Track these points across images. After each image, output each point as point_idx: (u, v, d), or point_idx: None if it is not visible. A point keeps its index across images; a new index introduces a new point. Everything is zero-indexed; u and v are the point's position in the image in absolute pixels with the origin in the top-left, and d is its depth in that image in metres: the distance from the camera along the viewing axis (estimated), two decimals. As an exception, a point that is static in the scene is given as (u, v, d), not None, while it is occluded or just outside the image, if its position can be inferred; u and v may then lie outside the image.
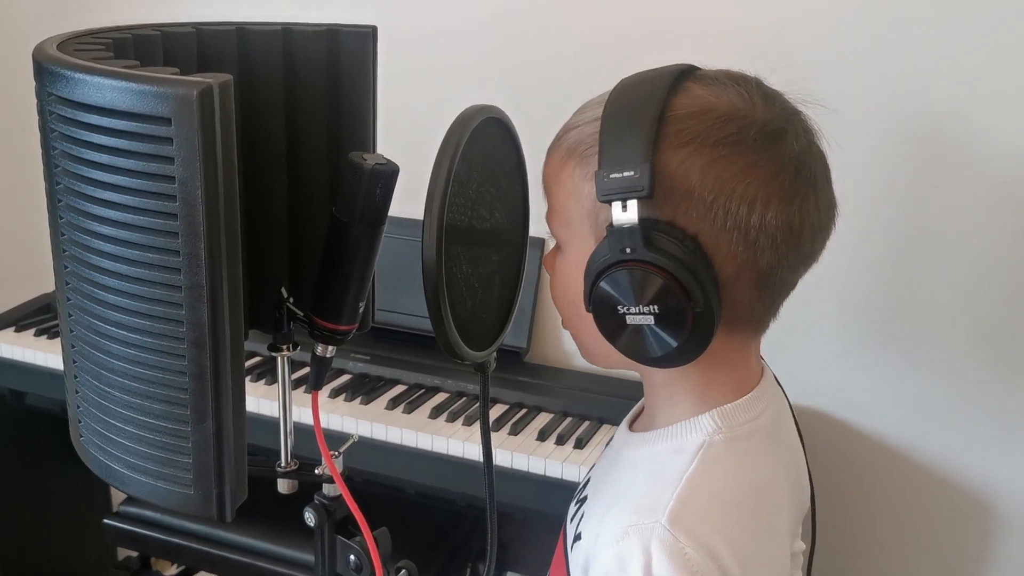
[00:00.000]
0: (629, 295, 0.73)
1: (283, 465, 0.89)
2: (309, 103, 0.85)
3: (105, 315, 0.67)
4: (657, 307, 0.72)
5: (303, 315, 0.85)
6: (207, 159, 0.60)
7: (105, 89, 0.60)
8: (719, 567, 0.73)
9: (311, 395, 0.88)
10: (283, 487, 0.90)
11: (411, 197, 0.95)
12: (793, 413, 0.94)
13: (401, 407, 1.69)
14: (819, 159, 0.79)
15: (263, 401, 1.68)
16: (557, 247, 0.84)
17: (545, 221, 0.85)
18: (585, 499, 0.89)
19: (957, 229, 1.59)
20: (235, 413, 0.67)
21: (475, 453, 1.58)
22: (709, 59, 0.84)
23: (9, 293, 2.09)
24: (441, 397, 1.74)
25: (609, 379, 1.76)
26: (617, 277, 0.73)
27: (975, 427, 1.65)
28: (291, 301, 0.85)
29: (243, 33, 0.81)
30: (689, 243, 0.73)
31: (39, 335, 1.95)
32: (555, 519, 0.96)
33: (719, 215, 0.73)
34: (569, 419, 1.68)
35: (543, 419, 1.68)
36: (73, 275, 0.69)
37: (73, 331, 0.71)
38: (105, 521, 1.91)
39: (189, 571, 2.04)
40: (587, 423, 1.67)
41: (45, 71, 0.64)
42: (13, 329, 1.97)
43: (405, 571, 0.91)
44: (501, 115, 0.83)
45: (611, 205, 0.73)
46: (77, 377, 0.73)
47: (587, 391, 1.75)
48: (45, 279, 2.04)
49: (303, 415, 0.90)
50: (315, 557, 0.91)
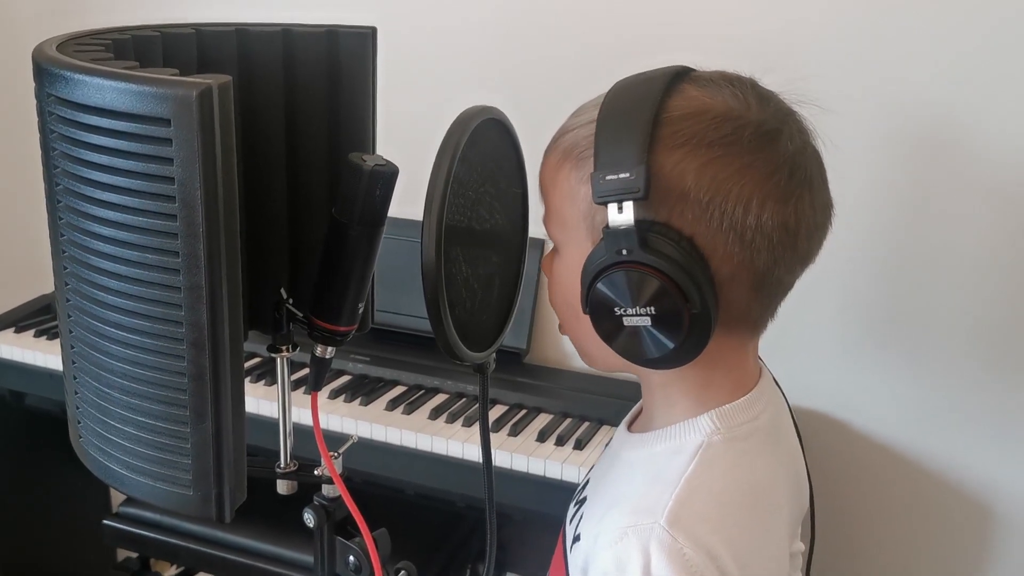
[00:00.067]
0: (626, 297, 0.73)
1: (282, 466, 0.89)
2: (309, 104, 0.85)
3: (104, 316, 0.67)
4: (654, 308, 0.73)
5: (302, 316, 0.85)
6: (206, 160, 0.60)
7: (104, 90, 0.60)
8: (718, 567, 0.73)
9: (310, 396, 0.88)
10: (282, 488, 0.90)
11: (411, 198, 0.96)
12: (792, 413, 0.94)
13: (401, 408, 1.69)
14: (814, 159, 0.79)
15: (262, 402, 1.68)
16: (555, 250, 0.84)
17: (542, 223, 0.85)
18: (584, 500, 0.89)
19: (957, 229, 1.59)
20: (234, 414, 0.67)
21: (475, 454, 1.58)
22: (709, 60, 0.84)
23: (9, 294, 2.09)
24: (441, 398, 1.74)
25: (609, 380, 1.76)
26: (614, 279, 0.73)
27: (975, 428, 1.65)
28: (290, 302, 0.85)
29: (243, 34, 0.81)
30: (685, 244, 0.73)
31: (39, 336, 1.95)
32: (555, 520, 0.96)
33: (715, 216, 0.73)
34: (569, 420, 1.68)
35: (543, 420, 1.68)
36: (72, 276, 0.69)
37: (72, 332, 0.71)
38: (104, 522, 1.91)
39: (188, 572, 2.03)
40: (587, 424, 1.67)
41: (45, 72, 0.64)
42: (13, 330, 1.97)
43: (404, 572, 0.91)
44: (500, 116, 0.83)
45: (607, 207, 0.73)
46: (76, 378, 0.73)
47: (587, 392, 1.75)
48: (45, 280, 2.04)
49: (302, 416, 0.90)
50: (314, 558, 0.91)
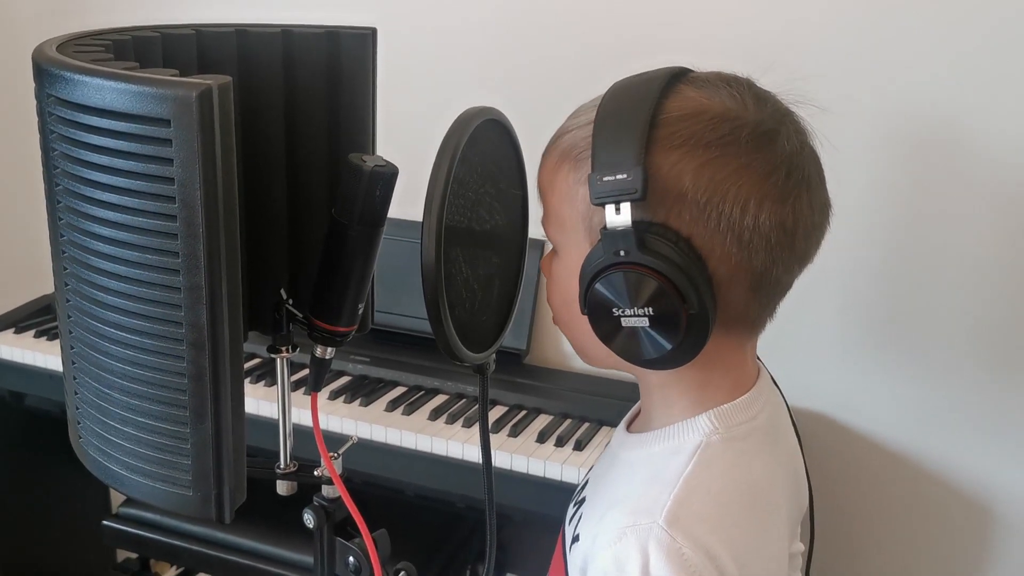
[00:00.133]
0: (624, 297, 0.73)
1: (282, 467, 0.89)
2: (309, 105, 0.85)
3: (104, 316, 0.67)
4: (652, 309, 0.73)
5: (302, 316, 0.85)
6: (206, 161, 0.60)
7: (104, 91, 0.60)
8: (716, 567, 0.73)
9: (310, 397, 0.88)
10: (282, 489, 0.90)
11: (410, 199, 0.96)
12: (791, 414, 0.94)
13: (400, 409, 1.69)
14: (812, 159, 0.79)
15: (262, 403, 1.68)
16: (554, 251, 0.85)
17: (541, 225, 0.85)
18: (583, 500, 0.89)
19: (957, 229, 1.59)
20: (234, 414, 0.67)
21: (474, 455, 1.58)
22: (709, 60, 0.84)
23: (9, 294, 2.09)
24: (441, 399, 1.74)
25: (609, 381, 1.76)
26: (611, 280, 0.73)
27: (974, 428, 1.65)
28: (290, 302, 0.85)
29: (243, 35, 0.81)
30: (683, 245, 0.73)
31: (39, 336, 1.95)
32: (554, 521, 0.96)
33: (712, 217, 0.73)
34: (569, 421, 1.68)
35: (542, 421, 1.68)
36: (72, 276, 0.69)
37: (72, 332, 0.71)
38: (104, 523, 1.91)
39: (188, 573, 2.04)
40: (586, 425, 1.67)
41: (45, 73, 0.64)
42: (13, 331, 1.97)
43: (404, 572, 0.91)
44: (500, 117, 0.83)
45: (605, 208, 0.73)
46: (76, 378, 0.73)
47: (587, 393, 1.75)
48: (45, 280, 2.04)
49: (302, 417, 0.90)
50: (314, 559, 0.91)
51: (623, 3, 1.72)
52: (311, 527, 0.89)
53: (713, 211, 0.73)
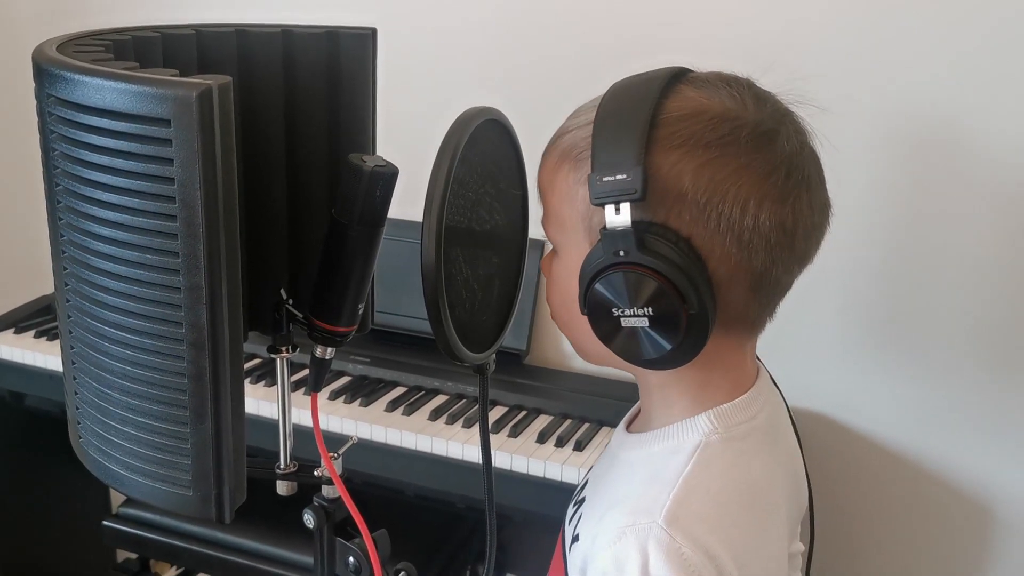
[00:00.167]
0: (623, 298, 0.73)
1: (282, 467, 0.89)
2: (309, 105, 0.85)
3: (104, 316, 0.67)
4: (651, 309, 0.73)
5: (302, 317, 0.85)
6: (206, 161, 0.60)
7: (104, 91, 0.60)
8: (716, 567, 0.73)
9: (310, 397, 0.88)
10: (282, 489, 0.90)
11: (410, 199, 0.96)
12: (790, 414, 0.94)
13: (400, 409, 1.69)
14: (812, 159, 0.79)
15: (262, 403, 1.68)
16: (553, 251, 0.85)
17: (541, 225, 0.85)
18: (583, 500, 0.89)
19: (957, 229, 1.59)
20: (234, 414, 0.67)
21: (474, 455, 1.58)
22: (709, 60, 0.84)
23: (9, 295, 2.09)
24: (441, 399, 1.74)
25: (609, 381, 1.76)
26: (611, 280, 0.73)
27: (974, 428, 1.65)
28: (290, 303, 0.85)
29: (243, 35, 0.81)
30: (683, 245, 0.73)
31: (39, 337, 1.95)
32: (554, 521, 0.96)
33: (712, 217, 0.73)
34: (569, 421, 1.68)
35: (543, 421, 1.68)
36: (72, 276, 0.69)
37: (72, 332, 0.71)
38: (104, 523, 1.90)
39: (188, 573, 2.04)
40: (586, 425, 1.67)
41: (45, 73, 0.64)
42: (13, 331, 1.97)
43: (404, 573, 0.91)
44: (500, 117, 0.83)
45: (604, 208, 0.73)
46: (76, 378, 0.73)
47: (587, 393, 1.75)
48: (45, 281, 2.04)
49: (302, 417, 0.90)
50: (314, 559, 0.91)
51: (623, 3, 1.72)
52: (311, 527, 0.89)
53: (713, 211, 0.73)
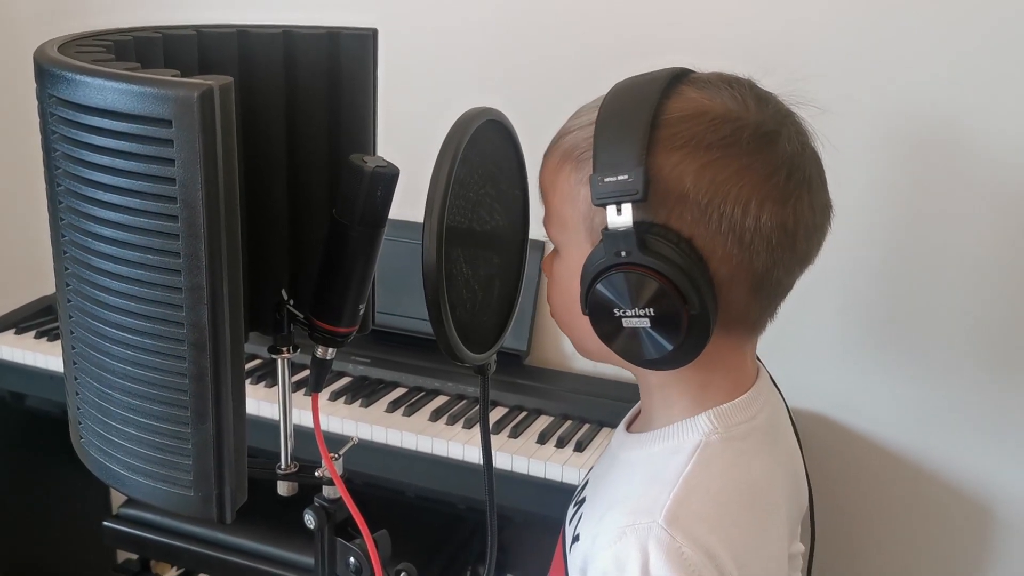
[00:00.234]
0: (625, 298, 0.73)
1: (283, 467, 0.89)
2: (309, 105, 0.85)
3: (105, 316, 0.67)
4: (653, 310, 0.73)
5: (303, 317, 0.85)
6: (208, 161, 0.60)
7: (106, 91, 0.60)
8: (716, 567, 0.73)
9: (311, 397, 0.88)
10: (283, 489, 0.90)
11: (411, 200, 0.96)
12: (790, 414, 0.94)
13: (401, 410, 1.69)
14: (813, 160, 0.79)
15: (263, 403, 1.68)
16: (555, 251, 0.85)
17: (542, 225, 0.85)
18: (583, 501, 0.89)
19: (957, 229, 1.59)
20: (235, 415, 0.68)
21: (475, 456, 1.58)
22: (709, 60, 0.84)
23: (9, 295, 2.09)
24: (441, 400, 1.74)
25: (609, 382, 1.76)
26: (613, 280, 0.73)
27: (974, 428, 1.65)
28: (291, 303, 0.85)
29: (244, 36, 0.81)
30: (684, 246, 0.73)
31: (39, 337, 1.95)
32: (555, 522, 0.96)
33: (713, 218, 0.73)
34: (569, 422, 1.68)
35: (543, 422, 1.68)
36: (74, 276, 0.69)
37: (73, 332, 0.71)
38: (104, 523, 1.90)
39: (189, 574, 2.04)
40: (587, 426, 1.67)
41: (46, 73, 0.64)
42: (14, 331, 1.97)
43: (405, 573, 0.91)
44: (501, 117, 0.83)
45: (606, 209, 0.73)
46: (77, 379, 0.73)
47: (587, 394, 1.75)
48: (45, 281, 2.04)
49: (303, 417, 0.90)
50: (315, 559, 0.91)
51: (623, 3, 1.72)
52: (312, 528, 0.89)
53: (714, 212, 0.73)
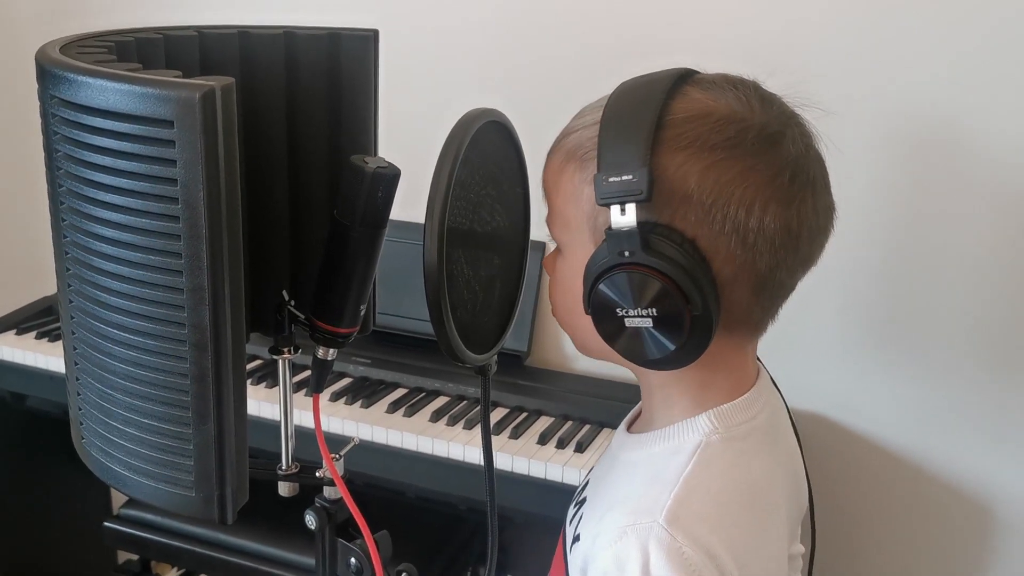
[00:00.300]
0: (628, 298, 0.73)
1: (284, 468, 0.89)
2: (310, 106, 0.85)
3: (107, 317, 0.67)
4: (656, 310, 0.73)
5: (304, 318, 0.85)
6: (209, 162, 0.60)
7: (108, 92, 0.60)
8: (717, 566, 0.73)
9: (312, 398, 0.88)
10: (284, 490, 0.90)
11: (412, 200, 0.96)
12: (790, 415, 0.94)
13: (402, 411, 1.69)
14: (817, 162, 0.79)
15: (264, 404, 1.68)
16: (557, 250, 0.85)
17: (545, 224, 0.85)
18: (584, 501, 0.89)
19: (957, 229, 1.59)
20: (237, 415, 0.68)
21: (475, 457, 1.58)
22: (709, 60, 0.84)
23: (10, 296, 2.09)
24: (442, 401, 1.74)
25: (610, 383, 1.76)
26: (616, 280, 0.73)
27: (974, 429, 1.65)
28: (292, 304, 0.85)
29: (245, 36, 0.81)
30: (687, 246, 0.73)
31: (40, 338, 1.95)
32: (555, 523, 0.96)
33: (717, 218, 0.73)
34: (570, 423, 1.68)
35: (543, 423, 1.68)
36: (75, 277, 0.69)
37: (75, 333, 0.71)
38: (105, 524, 1.90)
39: (189, 574, 2.04)
40: (587, 427, 1.67)
41: (48, 74, 0.64)
42: (14, 332, 1.97)
43: (406, 574, 0.91)
44: (502, 118, 0.83)
45: (610, 208, 0.73)
46: (79, 379, 0.73)
47: (588, 395, 1.75)
48: (46, 282, 2.05)
49: (304, 418, 0.90)
50: (316, 560, 0.91)
51: (623, 3, 1.72)
52: (313, 528, 0.90)
53: (718, 213, 0.73)
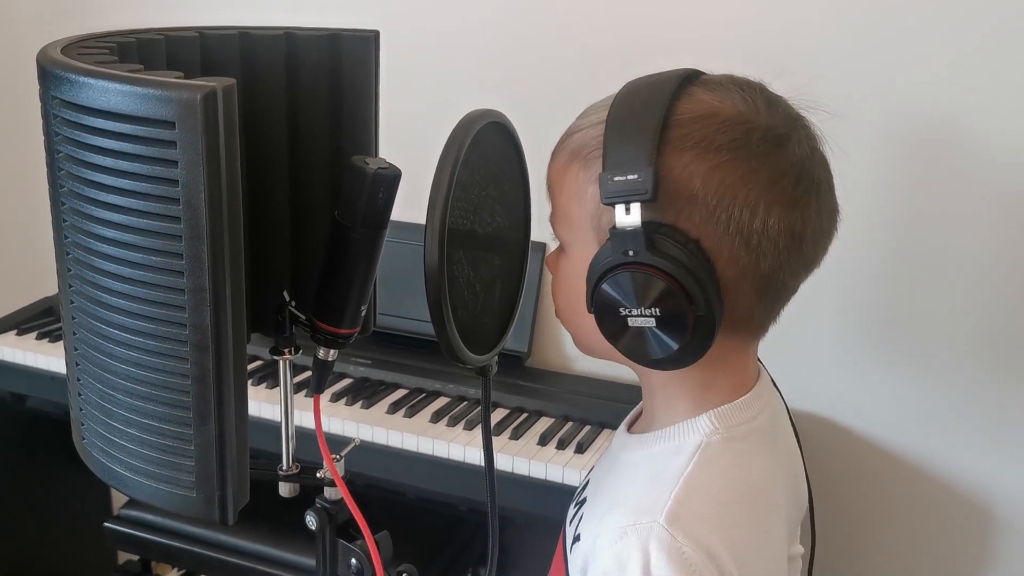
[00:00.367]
0: (631, 297, 0.73)
1: (285, 468, 0.89)
2: (311, 107, 0.85)
3: (108, 317, 0.67)
4: (659, 310, 0.73)
5: (305, 319, 0.85)
6: (210, 162, 0.60)
7: (109, 93, 0.60)
8: (717, 567, 0.74)
9: (313, 399, 0.88)
10: (284, 490, 0.90)
11: (413, 201, 0.96)
12: (790, 416, 0.94)
13: (402, 411, 1.69)
14: (821, 165, 0.79)
15: (264, 405, 1.68)
16: (560, 248, 0.85)
17: (549, 222, 0.85)
18: (584, 501, 0.89)
19: (957, 229, 1.59)
20: (237, 416, 0.68)
21: (476, 457, 1.58)
22: (710, 62, 0.84)
23: (10, 296, 2.09)
24: (442, 401, 1.74)
25: (610, 384, 1.76)
26: (619, 279, 0.74)
27: (975, 429, 1.65)
28: (293, 304, 0.85)
29: (246, 37, 0.81)
30: (691, 247, 0.73)
31: (41, 338, 1.95)
32: (556, 523, 0.96)
33: (721, 219, 0.73)
34: (570, 424, 1.68)
35: (544, 423, 1.68)
36: (76, 278, 0.69)
37: (76, 334, 0.71)
38: (105, 524, 1.91)
39: (190, 575, 2.04)
40: (588, 428, 1.67)
41: (49, 75, 0.64)
42: (15, 332, 1.97)
43: (406, 574, 0.91)
44: (503, 119, 0.83)
45: (614, 208, 0.73)
46: (80, 379, 0.73)
47: (588, 396, 1.75)
48: (47, 282, 2.05)
49: (304, 419, 0.90)
50: (316, 561, 0.91)
51: (623, 3, 1.72)
52: (313, 529, 0.89)
53: (723, 214, 0.73)
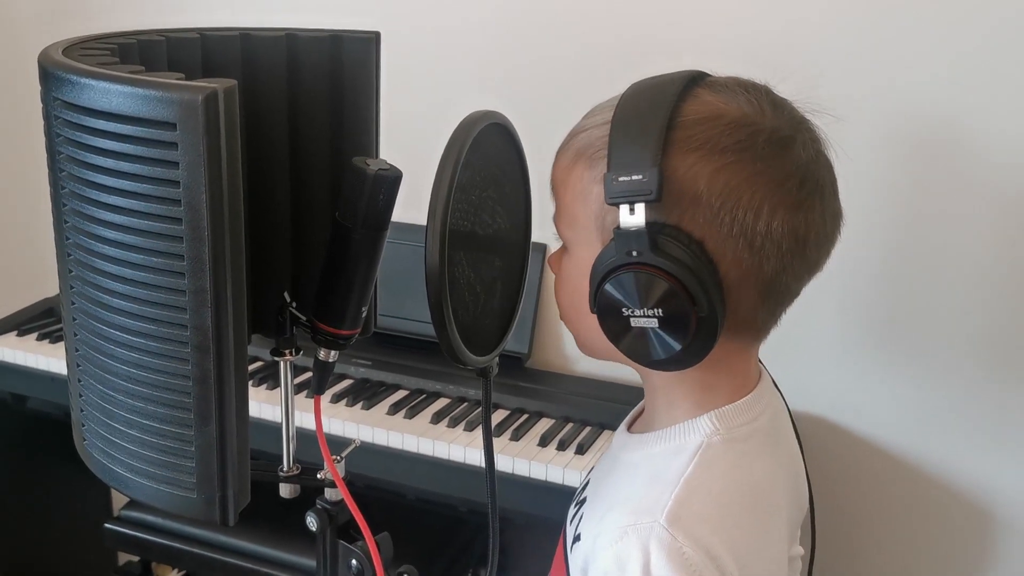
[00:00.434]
0: (634, 298, 0.73)
1: (285, 469, 0.89)
2: (312, 108, 0.85)
3: (109, 318, 0.67)
4: (662, 310, 0.73)
5: (306, 320, 0.85)
6: (211, 164, 0.60)
7: (110, 94, 0.60)
8: (717, 567, 0.74)
9: (313, 400, 0.88)
10: (285, 491, 0.90)
11: (414, 202, 0.96)
12: (791, 417, 0.94)
13: (402, 412, 1.69)
14: (826, 168, 0.79)
15: (265, 406, 1.68)
16: (563, 248, 0.85)
17: (552, 222, 0.85)
18: (584, 501, 0.89)
19: (957, 230, 1.59)
20: (238, 417, 0.68)
21: (476, 459, 1.58)
22: (710, 62, 0.84)
23: (11, 297, 2.09)
24: (442, 403, 1.74)
25: (611, 385, 1.76)
26: (623, 280, 0.74)
27: (975, 429, 1.65)
28: (294, 305, 0.85)
29: (247, 39, 0.81)
30: (695, 248, 0.73)
31: (41, 339, 1.95)
32: (556, 524, 0.96)
33: (725, 221, 0.73)
34: (570, 425, 1.68)
35: (544, 425, 1.68)
36: (77, 279, 0.69)
37: (77, 334, 0.71)
38: (106, 525, 1.91)
39: (190, 576, 2.04)
40: (588, 429, 1.67)
41: (51, 76, 0.64)
42: (15, 333, 1.96)
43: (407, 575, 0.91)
44: (504, 120, 0.83)
45: (619, 208, 0.73)
46: (81, 380, 0.73)
47: (589, 397, 1.75)
48: (47, 283, 2.05)
49: (305, 420, 0.90)
50: (317, 562, 0.91)
51: (623, 3, 1.72)
52: (314, 530, 0.90)
53: (727, 215, 0.73)
